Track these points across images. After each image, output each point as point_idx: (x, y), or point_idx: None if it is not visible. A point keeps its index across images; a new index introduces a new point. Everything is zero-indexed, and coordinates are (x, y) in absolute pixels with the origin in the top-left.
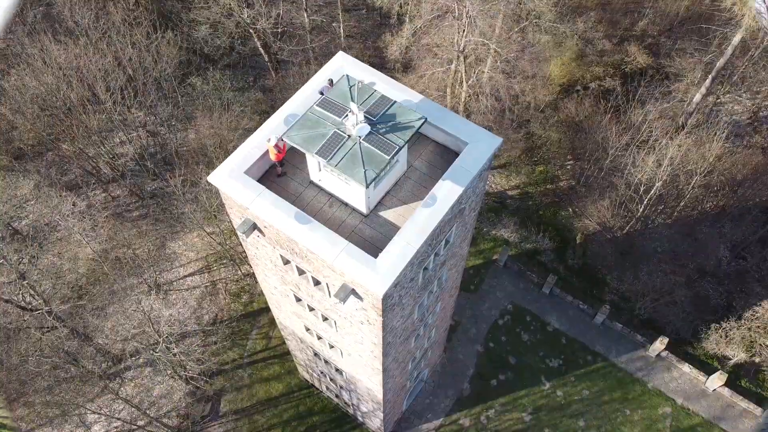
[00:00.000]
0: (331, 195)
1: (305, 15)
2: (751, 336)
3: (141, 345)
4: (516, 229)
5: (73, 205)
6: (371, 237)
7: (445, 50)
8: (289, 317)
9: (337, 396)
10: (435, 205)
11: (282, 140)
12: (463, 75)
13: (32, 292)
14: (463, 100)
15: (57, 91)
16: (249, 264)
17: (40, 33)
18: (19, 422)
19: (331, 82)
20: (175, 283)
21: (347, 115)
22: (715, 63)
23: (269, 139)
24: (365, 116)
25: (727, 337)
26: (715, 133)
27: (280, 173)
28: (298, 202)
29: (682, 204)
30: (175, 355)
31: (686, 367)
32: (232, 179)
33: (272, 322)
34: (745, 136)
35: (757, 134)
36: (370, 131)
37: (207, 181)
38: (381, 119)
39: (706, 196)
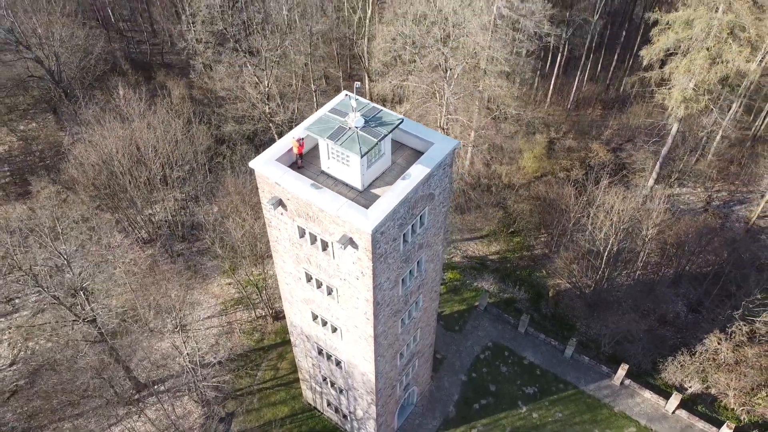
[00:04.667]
0: (336, 179)
1: (315, 109)
2: (704, 369)
3: (166, 373)
4: (495, 282)
5: (119, 244)
6: (364, 204)
7: (430, 125)
8: (299, 310)
9: (336, 410)
10: (410, 179)
11: (302, 138)
12: None
13: (85, 300)
14: None
15: (113, 158)
16: (261, 307)
17: (101, 118)
18: None
19: (300, 140)
20: (196, 324)
21: (348, 115)
22: (662, 152)
23: (293, 137)
24: (361, 116)
25: (682, 367)
26: (660, 199)
27: (300, 165)
28: None
29: (640, 264)
30: (196, 373)
31: (647, 393)
32: (267, 164)
33: (280, 356)
34: (698, 216)
35: (705, 213)
36: (364, 124)
37: (234, 226)
38: (372, 119)
39: (662, 259)
